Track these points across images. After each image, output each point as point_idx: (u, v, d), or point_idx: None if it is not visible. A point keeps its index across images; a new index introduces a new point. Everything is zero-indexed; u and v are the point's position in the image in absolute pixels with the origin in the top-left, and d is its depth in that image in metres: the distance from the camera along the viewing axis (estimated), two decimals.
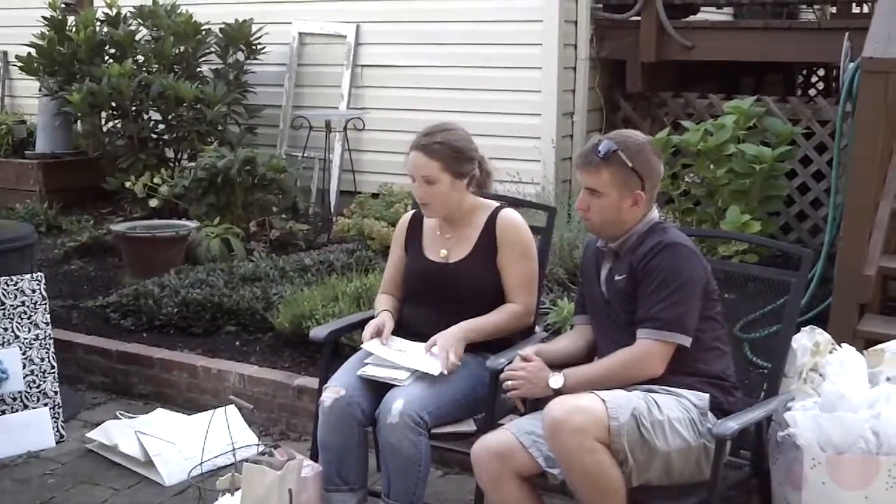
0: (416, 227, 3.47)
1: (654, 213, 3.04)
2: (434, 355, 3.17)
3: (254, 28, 7.09)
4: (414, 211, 3.52)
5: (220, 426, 3.50)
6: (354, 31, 6.96)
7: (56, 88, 7.10)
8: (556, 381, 2.91)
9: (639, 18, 6.45)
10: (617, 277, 3.00)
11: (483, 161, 3.41)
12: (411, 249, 3.45)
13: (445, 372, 3.13)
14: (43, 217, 6.90)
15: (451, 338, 3.19)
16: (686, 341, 2.88)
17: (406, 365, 3.18)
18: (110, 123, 7.18)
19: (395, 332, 3.40)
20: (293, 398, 4.28)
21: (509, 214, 3.35)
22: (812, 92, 8.53)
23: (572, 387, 2.87)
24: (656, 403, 2.81)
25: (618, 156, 2.93)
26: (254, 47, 7.13)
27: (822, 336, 3.23)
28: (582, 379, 2.90)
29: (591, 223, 3.03)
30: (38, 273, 4.31)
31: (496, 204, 3.39)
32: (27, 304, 4.22)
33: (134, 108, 6.87)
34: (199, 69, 7.19)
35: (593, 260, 3.14)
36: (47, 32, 7.12)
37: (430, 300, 3.32)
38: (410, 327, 3.36)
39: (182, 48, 7.07)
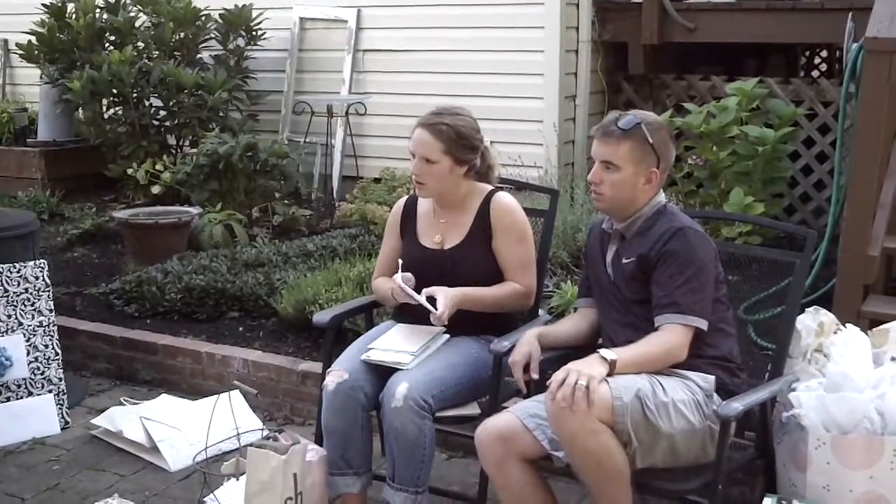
0: (410, 213, 3.46)
1: (661, 196, 3.04)
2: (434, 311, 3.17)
3: (254, 13, 7.07)
4: (407, 197, 3.51)
5: (225, 411, 3.51)
6: (355, 15, 6.94)
7: (57, 76, 7.09)
8: (608, 353, 2.79)
9: (640, 0, 6.42)
10: (625, 260, 2.99)
11: (486, 153, 3.39)
12: (406, 236, 3.44)
13: (410, 366, 3.12)
14: (45, 205, 6.91)
15: (450, 298, 3.18)
16: (704, 325, 2.88)
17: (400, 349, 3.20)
18: (111, 110, 7.16)
19: (395, 318, 3.43)
20: (297, 383, 4.29)
21: (502, 198, 3.34)
22: (815, 73, 8.51)
23: (621, 366, 2.78)
24: (661, 385, 2.80)
25: (640, 129, 2.92)
26: (254, 33, 7.11)
27: (826, 317, 3.23)
28: (629, 359, 2.80)
29: (601, 198, 3.00)
30: (41, 260, 4.31)
31: (489, 188, 3.38)
32: (31, 291, 4.22)
33: (135, 95, 6.86)
34: (199, 55, 7.18)
35: (598, 242, 3.13)
36: (47, 20, 7.10)
37: (426, 286, 3.30)
38: (405, 314, 3.35)
39: (182, 34, 7.06)
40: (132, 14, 7.09)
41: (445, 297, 3.17)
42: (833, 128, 5.77)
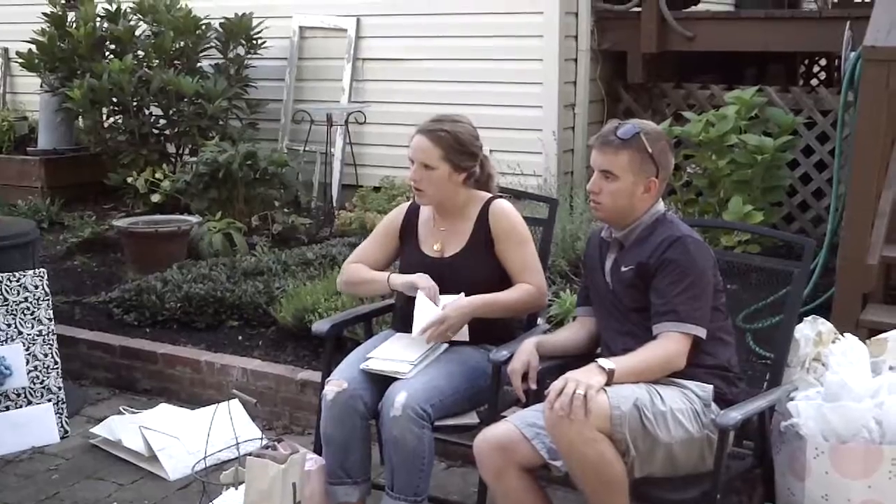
0: (411, 220, 3.46)
1: (660, 205, 3.05)
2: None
3: (254, 22, 7.07)
4: (410, 203, 3.51)
5: (224, 420, 3.50)
6: (355, 24, 6.96)
7: (57, 85, 7.10)
8: (606, 362, 2.80)
9: (639, 9, 6.44)
10: (623, 269, 2.99)
11: (486, 162, 3.40)
12: (407, 244, 3.44)
13: (409, 375, 3.12)
14: (45, 213, 6.91)
15: (459, 312, 3.18)
16: (702, 333, 2.88)
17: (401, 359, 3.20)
18: (111, 119, 7.17)
19: (394, 327, 3.43)
20: (296, 392, 4.29)
21: (500, 205, 3.34)
22: (814, 82, 8.51)
23: (619, 375, 2.78)
24: (659, 395, 2.80)
25: (639, 139, 2.93)
26: (254, 42, 7.12)
27: (824, 326, 3.23)
28: (627, 368, 2.81)
29: (600, 207, 3.01)
30: (41, 269, 4.32)
31: (488, 196, 3.38)
32: (30, 300, 4.22)
33: (135, 104, 6.87)
34: (199, 64, 7.18)
35: (597, 250, 3.14)
36: (48, 29, 7.11)
37: None
38: (404, 323, 3.34)
39: (182, 43, 7.06)
40: (132, 23, 7.10)
41: (452, 319, 3.17)
42: (832, 136, 5.77)
